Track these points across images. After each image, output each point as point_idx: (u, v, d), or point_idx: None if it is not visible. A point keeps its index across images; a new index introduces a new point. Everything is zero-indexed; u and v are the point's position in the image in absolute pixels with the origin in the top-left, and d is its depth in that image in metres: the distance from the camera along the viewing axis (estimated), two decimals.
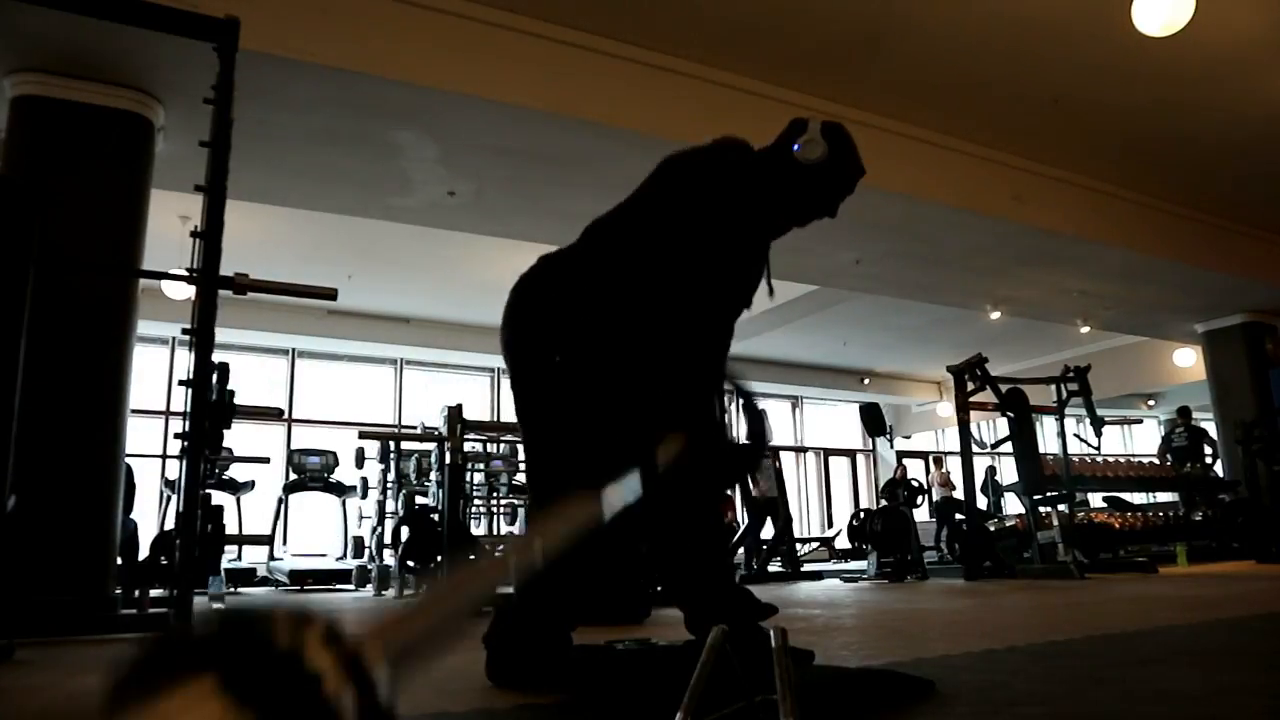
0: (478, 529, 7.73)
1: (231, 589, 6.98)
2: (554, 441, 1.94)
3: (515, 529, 8.40)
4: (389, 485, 7.80)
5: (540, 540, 0.79)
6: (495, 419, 11.38)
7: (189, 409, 2.65)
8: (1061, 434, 7.37)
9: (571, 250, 2.03)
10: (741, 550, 8.41)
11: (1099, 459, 9.28)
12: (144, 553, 5.09)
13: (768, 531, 8.52)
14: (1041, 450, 7.62)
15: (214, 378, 3.53)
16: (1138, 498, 10.38)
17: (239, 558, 8.64)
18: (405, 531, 6.23)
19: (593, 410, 1.86)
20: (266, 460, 7.49)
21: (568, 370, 1.91)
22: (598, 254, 1.98)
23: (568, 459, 1.91)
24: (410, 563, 6.00)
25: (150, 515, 7.65)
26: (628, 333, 1.90)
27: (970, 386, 7.34)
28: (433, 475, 6.38)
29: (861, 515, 8.61)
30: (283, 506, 9.10)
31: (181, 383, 2.70)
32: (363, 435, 7.86)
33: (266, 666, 0.36)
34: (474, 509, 8.12)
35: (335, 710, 0.36)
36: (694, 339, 1.96)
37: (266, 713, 0.34)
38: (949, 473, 11.30)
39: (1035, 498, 7.21)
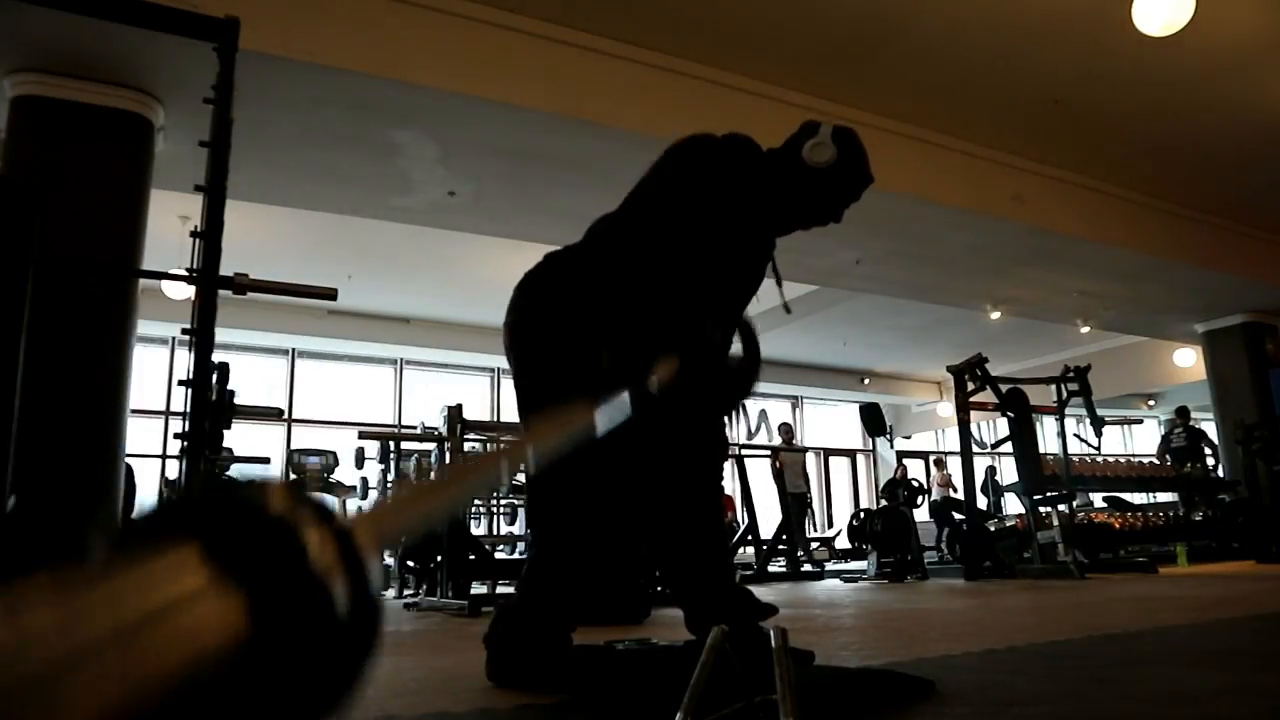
0: (478, 529, 7.73)
1: None
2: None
3: (515, 529, 8.39)
4: (389, 485, 7.80)
5: (532, 443, 0.78)
6: (495, 419, 11.38)
7: (189, 409, 2.64)
8: (1061, 434, 7.37)
9: (577, 248, 2.04)
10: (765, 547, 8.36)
11: (1099, 459, 9.28)
12: None
13: (765, 530, 8.51)
14: (1041, 450, 7.62)
15: (214, 378, 3.52)
16: (1138, 498, 10.38)
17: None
18: None
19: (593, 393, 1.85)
20: (266, 460, 7.48)
21: (571, 367, 1.91)
22: (602, 248, 1.98)
23: (574, 456, 1.90)
24: (410, 563, 6.00)
25: None
26: (630, 327, 1.90)
27: (970, 386, 7.33)
28: (433, 475, 6.37)
29: (861, 515, 8.60)
30: None
31: (181, 383, 2.70)
32: (363, 435, 7.85)
33: (252, 534, 0.36)
34: (474, 509, 8.11)
35: (322, 582, 0.36)
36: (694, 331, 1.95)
37: (251, 581, 0.34)
38: (950, 475, 11.30)
39: (1035, 498, 7.21)
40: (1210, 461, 9.92)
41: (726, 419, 2.19)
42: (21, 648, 0.29)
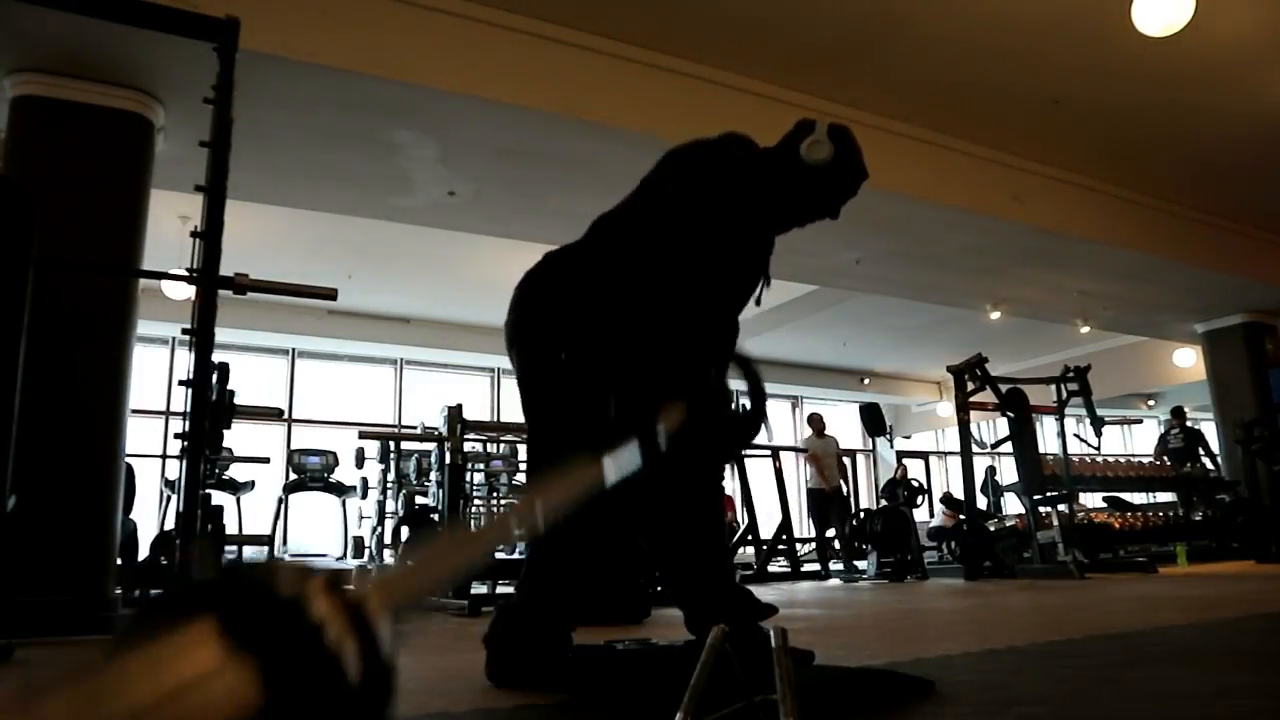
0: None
1: None
2: (560, 436, 1.94)
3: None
4: (389, 485, 7.81)
5: (540, 502, 0.79)
6: (495, 419, 11.38)
7: (189, 409, 2.64)
8: (1061, 434, 7.37)
9: (576, 246, 2.04)
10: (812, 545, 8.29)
11: (1099, 459, 9.28)
12: (144, 553, 5.09)
13: (755, 527, 8.49)
14: (1041, 450, 7.62)
15: (214, 378, 3.52)
16: (1138, 498, 10.38)
17: (239, 558, 8.64)
18: (405, 532, 6.23)
19: (599, 404, 1.86)
20: (266, 460, 7.49)
21: (574, 364, 1.91)
22: (602, 248, 1.99)
23: (573, 454, 1.91)
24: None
25: (150, 515, 7.65)
26: (632, 325, 1.90)
27: (970, 386, 7.34)
28: (433, 475, 6.37)
29: (861, 515, 8.60)
30: (283, 507, 9.10)
31: (181, 383, 2.69)
32: (363, 435, 7.86)
33: (268, 614, 0.36)
34: (474, 509, 8.12)
35: (337, 658, 0.36)
36: (696, 330, 1.96)
37: (268, 659, 0.34)
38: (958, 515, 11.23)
39: (1035, 498, 7.21)
40: (1206, 463, 9.91)
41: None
42: None
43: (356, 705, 0.36)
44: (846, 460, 9.42)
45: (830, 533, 8.51)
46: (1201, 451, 9.91)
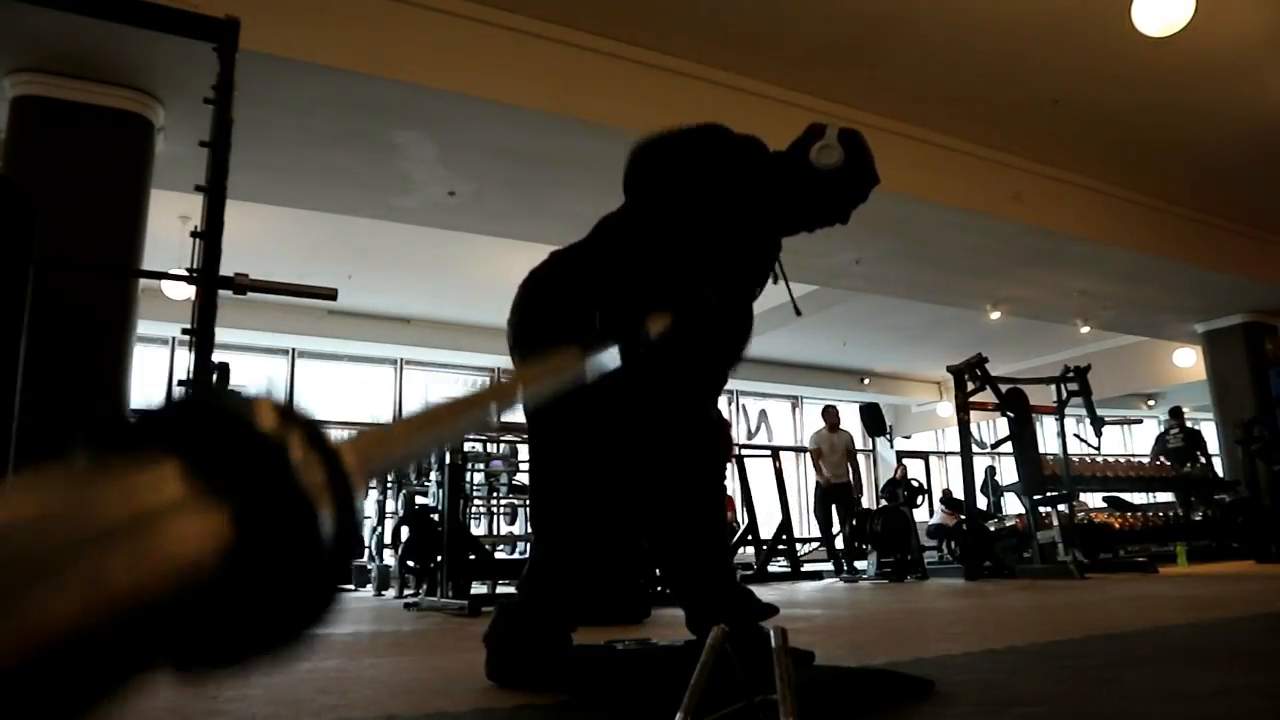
0: (478, 529, 7.73)
1: None
2: (562, 436, 1.94)
3: (516, 529, 8.40)
4: (389, 485, 7.80)
5: (523, 379, 0.78)
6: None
7: None
8: (1061, 434, 7.37)
9: (582, 245, 2.04)
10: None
11: (1099, 459, 9.28)
12: None
13: (760, 526, 8.48)
14: (1041, 450, 7.62)
15: (214, 378, 3.52)
16: (1138, 498, 10.38)
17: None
18: (405, 531, 6.23)
19: (603, 405, 1.85)
20: None
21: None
22: (609, 246, 1.98)
23: (576, 457, 1.91)
24: (410, 563, 5.99)
25: None
26: (625, 284, 1.88)
27: (970, 386, 7.33)
28: (433, 475, 6.37)
29: (862, 515, 8.59)
30: None
31: (181, 383, 2.70)
32: None
33: (240, 449, 0.35)
34: (474, 509, 8.12)
35: (311, 503, 0.35)
36: (706, 325, 1.95)
37: (235, 495, 0.33)
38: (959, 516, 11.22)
39: (1035, 498, 7.21)
40: (1204, 463, 9.91)
41: (721, 409, 2.18)
42: None
43: (325, 554, 0.35)
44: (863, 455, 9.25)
45: (835, 529, 8.47)
46: (1200, 454, 9.91)
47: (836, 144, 1.93)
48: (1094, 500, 10.06)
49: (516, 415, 2.16)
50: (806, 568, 8.64)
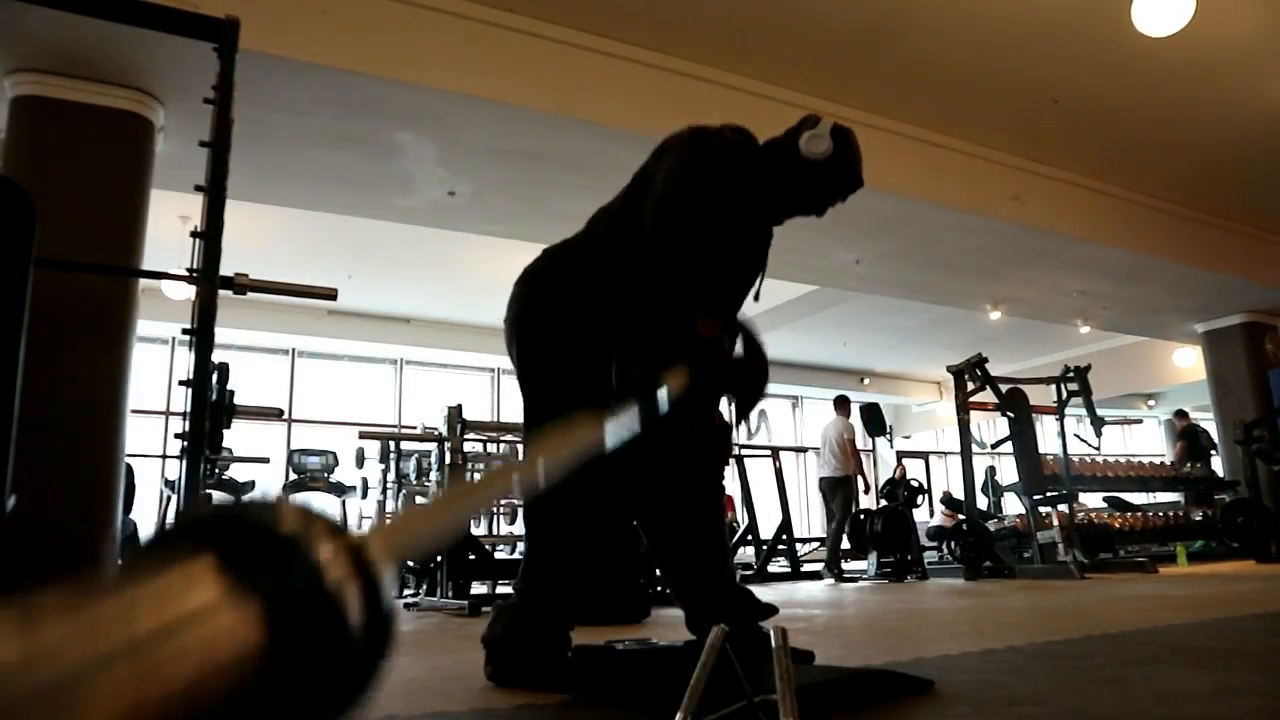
0: (478, 529, 7.73)
1: None
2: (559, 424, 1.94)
3: (515, 529, 8.39)
4: (389, 485, 7.80)
5: (541, 459, 0.79)
6: (495, 419, 11.38)
7: (189, 409, 2.64)
8: (1061, 434, 7.37)
9: (576, 241, 2.04)
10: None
11: (1099, 459, 9.28)
12: None
13: (757, 525, 8.48)
14: (1041, 450, 7.62)
15: (214, 378, 3.52)
16: (1138, 498, 10.39)
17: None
18: None
19: (601, 396, 1.85)
20: (266, 460, 7.49)
21: (574, 363, 1.91)
22: (604, 242, 1.98)
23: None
24: (410, 563, 6.00)
25: (150, 515, 7.65)
26: (637, 337, 1.90)
27: (970, 386, 7.34)
28: (433, 475, 6.37)
29: (861, 515, 8.59)
30: None
31: (181, 383, 2.70)
32: (363, 435, 7.84)
33: (268, 551, 0.36)
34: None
35: (337, 599, 0.36)
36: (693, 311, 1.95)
37: (267, 597, 0.34)
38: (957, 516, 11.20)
39: (1035, 498, 7.21)
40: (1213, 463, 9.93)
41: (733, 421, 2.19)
42: (33, 661, 0.29)
43: (357, 649, 0.36)
44: (864, 455, 9.06)
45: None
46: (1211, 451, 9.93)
47: (827, 135, 1.94)
48: (1094, 500, 10.06)
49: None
50: (806, 568, 8.64)
